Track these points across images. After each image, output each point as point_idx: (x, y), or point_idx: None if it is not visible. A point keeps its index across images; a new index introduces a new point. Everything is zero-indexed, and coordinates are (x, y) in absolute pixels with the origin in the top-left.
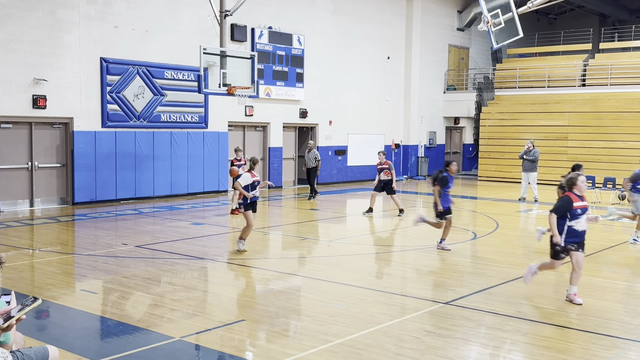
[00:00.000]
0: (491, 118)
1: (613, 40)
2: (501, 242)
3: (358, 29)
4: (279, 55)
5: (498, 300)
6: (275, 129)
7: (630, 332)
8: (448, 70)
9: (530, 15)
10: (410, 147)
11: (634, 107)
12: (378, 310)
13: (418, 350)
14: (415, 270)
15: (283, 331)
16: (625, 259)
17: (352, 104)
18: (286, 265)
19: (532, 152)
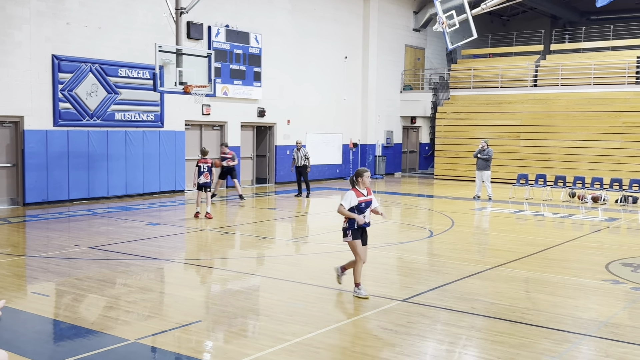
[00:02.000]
0: (447, 118)
1: (564, 41)
2: (456, 240)
3: (316, 28)
4: (237, 53)
5: (453, 297)
6: (233, 128)
7: (580, 327)
8: (404, 70)
9: (484, 17)
10: (367, 146)
11: (583, 107)
12: (336, 309)
13: (375, 347)
14: (373, 268)
15: (241, 331)
16: (575, 255)
17: (310, 103)
18: (244, 265)
19: (486, 151)
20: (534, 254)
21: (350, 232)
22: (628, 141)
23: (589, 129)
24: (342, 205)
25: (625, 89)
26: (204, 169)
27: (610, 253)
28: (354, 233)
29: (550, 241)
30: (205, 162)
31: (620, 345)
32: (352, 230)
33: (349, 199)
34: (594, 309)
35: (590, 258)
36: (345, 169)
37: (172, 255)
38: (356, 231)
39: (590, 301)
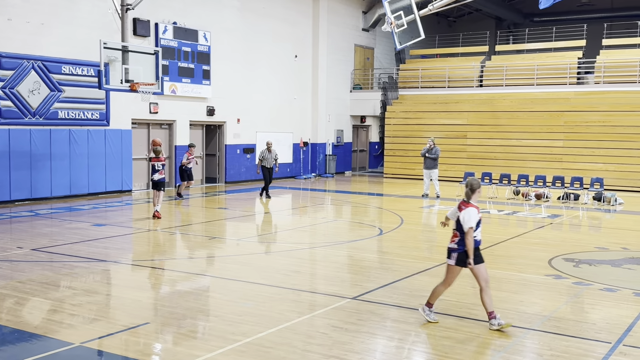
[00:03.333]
0: (396, 117)
1: (508, 42)
2: (405, 237)
3: (265, 27)
4: (185, 51)
5: (402, 294)
6: (182, 126)
7: (525, 321)
8: (354, 70)
9: (431, 18)
10: (318, 145)
11: (527, 106)
12: (286, 308)
13: (325, 345)
14: (323, 267)
15: (190, 332)
16: (520, 251)
17: (260, 102)
18: (193, 266)
19: (434, 150)
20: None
21: (457, 255)
22: (570, 140)
23: (533, 128)
24: (472, 229)
25: (567, 89)
26: (158, 167)
27: (553, 249)
28: (459, 257)
29: (496, 238)
30: (158, 160)
31: (562, 339)
32: (459, 254)
33: (474, 219)
34: (538, 304)
35: (534, 254)
36: (296, 167)
37: (119, 257)
38: (462, 254)
39: (534, 296)
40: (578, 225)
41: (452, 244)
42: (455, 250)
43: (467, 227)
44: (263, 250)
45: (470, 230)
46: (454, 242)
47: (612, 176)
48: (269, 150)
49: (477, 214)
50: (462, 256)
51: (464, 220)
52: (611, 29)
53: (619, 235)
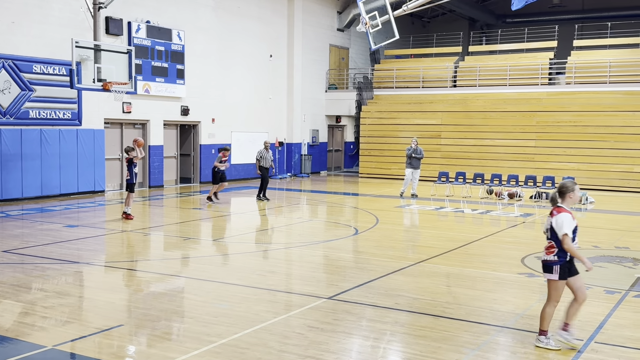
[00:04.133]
0: (371, 117)
1: (481, 43)
2: (381, 237)
3: (240, 26)
4: (158, 50)
5: (378, 293)
6: (156, 126)
7: (498, 319)
8: (329, 70)
9: (406, 18)
10: (293, 145)
11: (499, 107)
12: (262, 308)
13: (301, 346)
14: (299, 267)
15: (164, 334)
16: (493, 250)
17: (235, 101)
18: (168, 267)
19: (418, 150)
20: (455, 249)
21: (559, 268)
22: (542, 140)
23: (505, 128)
24: (568, 236)
25: (539, 90)
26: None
27: (526, 247)
28: (562, 270)
29: (470, 237)
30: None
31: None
32: (561, 266)
33: (568, 224)
34: (511, 302)
35: (507, 252)
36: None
37: (91, 258)
38: (564, 266)
39: (507, 294)
40: None
41: (549, 256)
42: (555, 263)
43: (561, 233)
44: (238, 250)
45: (566, 237)
46: (551, 253)
47: (583, 175)
48: (267, 149)
49: (571, 219)
50: (565, 268)
51: (557, 225)
52: (582, 30)
53: (590, 234)
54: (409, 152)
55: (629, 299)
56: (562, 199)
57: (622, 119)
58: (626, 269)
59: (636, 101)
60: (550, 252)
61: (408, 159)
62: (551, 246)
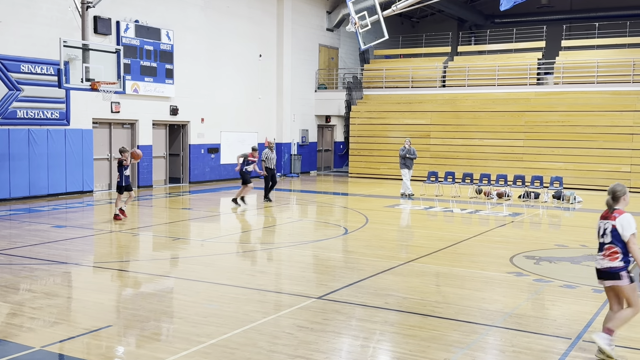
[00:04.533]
0: (360, 117)
1: (470, 43)
2: (370, 237)
3: (229, 26)
4: (147, 50)
5: (367, 293)
6: (144, 126)
7: (487, 318)
8: (319, 70)
9: (395, 18)
10: (283, 144)
11: (488, 107)
12: (251, 309)
13: (291, 346)
14: (289, 267)
15: (154, 335)
16: (482, 249)
17: (224, 101)
18: (157, 267)
19: (412, 150)
20: (444, 248)
21: (626, 272)
22: (530, 139)
23: (494, 128)
24: (635, 236)
25: (527, 90)
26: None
27: (514, 246)
28: (628, 273)
29: (459, 236)
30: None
31: (524, 335)
32: (627, 270)
33: (633, 224)
34: (500, 301)
35: (495, 252)
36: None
37: (80, 259)
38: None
39: (496, 293)
40: (538, 223)
41: (614, 262)
42: (622, 269)
43: (628, 234)
44: (228, 250)
45: (632, 238)
46: (616, 259)
47: (571, 175)
48: (272, 149)
49: (633, 219)
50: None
51: (622, 227)
52: (570, 30)
53: (578, 233)
54: (402, 152)
55: None
56: (617, 203)
57: (609, 119)
58: None
59: (624, 101)
60: (614, 257)
61: (402, 160)
62: (614, 251)
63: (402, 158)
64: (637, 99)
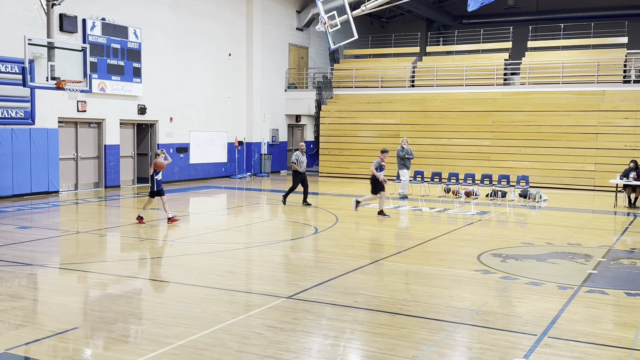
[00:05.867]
0: (330, 116)
1: (438, 44)
2: (340, 236)
3: (198, 25)
4: (114, 48)
5: (337, 292)
6: (112, 125)
7: (455, 315)
8: (289, 69)
9: (364, 19)
10: (253, 144)
11: (456, 106)
12: (221, 309)
13: (260, 346)
14: (259, 267)
15: (121, 337)
16: (450, 247)
17: (193, 100)
18: (125, 268)
19: (410, 150)
20: (413, 247)
21: None
22: (497, 139)
23: (462, 128)
24: None
25: (494, 90)
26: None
27: (482, 244)
28: None
29: (428, 235)
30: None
31: (491, 332)
32: None
33: None
34: (467, 298)
35: (463, 250)
36: (231, 167)
37: (46, 260)
38: None
39: (463, 291)
40: (505, 222)
41: None
42: None
43: None
44: (197, 251)
45: None
46: None
47: (537, 174)
48: (303, 152)
49: None
50: None
51: None
52: (536, 31)
53: (543, 231)
54: (402, 153)
55: (581, 294)
56: None
57: (574, 119)
58: (578, 265)
59: (588, 101)
60: None
61: (401, 160)
62: None
63: (402, 159)
64: (601, 99)
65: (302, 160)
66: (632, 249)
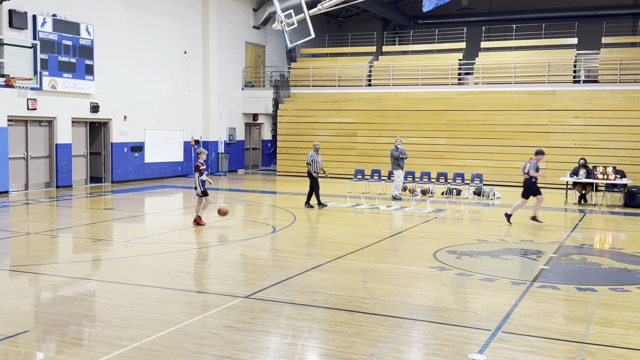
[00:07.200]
0: (288, 115)
1: (394, 44)
2: (298, 235)
3: (152, 22)
4: (66, 45)
5: (295, 291)
6: (63, 124)
7: (411, 312)
8: (246, 67)
9: (321, 17)
10: (210, 143)
11: (412, 106)
12: (177, 310)
13: (218, 346)
14: (216, 267)
15: (74, 340)
16: (407, 245)
17: (148, 98)
18: (78, 270)
19: (403, 150)
20: (370, 245)
21: None
22: (452, 138)
23: (418, 127)
24: None
25: (449, 89)
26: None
27: (438, 242)
28: None
29: (385, 232)
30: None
31: (446, 328)
32: None
33: None
34: (424, 295)
35: (420, 247)
36: (187, 166)
37: None
38: None
39: (420, 288)
40: (460, 219)
41: None
42: None
43: None
44: (153, 251)
45: None
46: None
47: (490, 172)
48: (317, 152)
49: None
50: None
51: None
52: (489, 32)
53: (497, 228)
54: (396, 153)
55: (533, 289)
56: None
57: (526, 118)
58: (530, 261)
59: (539, 101)
60: None
61: (396, 160)
62: None
63: (396, 159)
64: (552, 98)
65: (318, 160)
66: (582, 244)
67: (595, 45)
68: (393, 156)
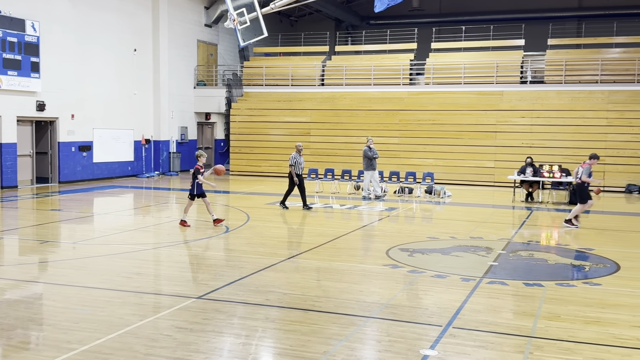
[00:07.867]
0: (241, 114)
1: (347, 43)
2: (252, 234)
3: (100, 18)
4: (10, 42)
5: (249, 290)
6: (8, 122)
7: (365, 310)
8: (198, 66)
9: (274, 16)
10: (161, 142)
11: (365, 105)
12: (127, 312)
13: (169, 348)
14: (168, 267)
15: (21, 344)
16: (360, 243)
17: (96, 97)
18: (23, 272)
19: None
20: (324, 243)
21: None
22: (404, 137)
23: (371, 126)
24: None
25: (401, 89)
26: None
27: (390, 240)
28: None
29: (339, 231)
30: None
31: (399, 325)
32: None
33: None
34: (377, 293)
35: (373, 245)
36: (138, 166)
37: None
38: None
39: (373, 285)
40: (412, 217)
41: None
42: None
43: None
44: (102, 252)
45: None
46: None
47: (441, 171)
48: (300, 153)
49: None
50: None
51: None
52: (439, 33)
53: (447, 225)
54: (371, 153)
55: (482, 285)
56: None
57: (475, 118)
58: (480, 257)
59: (487, 101)
60: None
61: (369, 161)
62: None
63: (370, 159)
64: (500, 99)
65: (300, 161)
66: (529, 241)
67: (541, 46)
68: (367, 156)
